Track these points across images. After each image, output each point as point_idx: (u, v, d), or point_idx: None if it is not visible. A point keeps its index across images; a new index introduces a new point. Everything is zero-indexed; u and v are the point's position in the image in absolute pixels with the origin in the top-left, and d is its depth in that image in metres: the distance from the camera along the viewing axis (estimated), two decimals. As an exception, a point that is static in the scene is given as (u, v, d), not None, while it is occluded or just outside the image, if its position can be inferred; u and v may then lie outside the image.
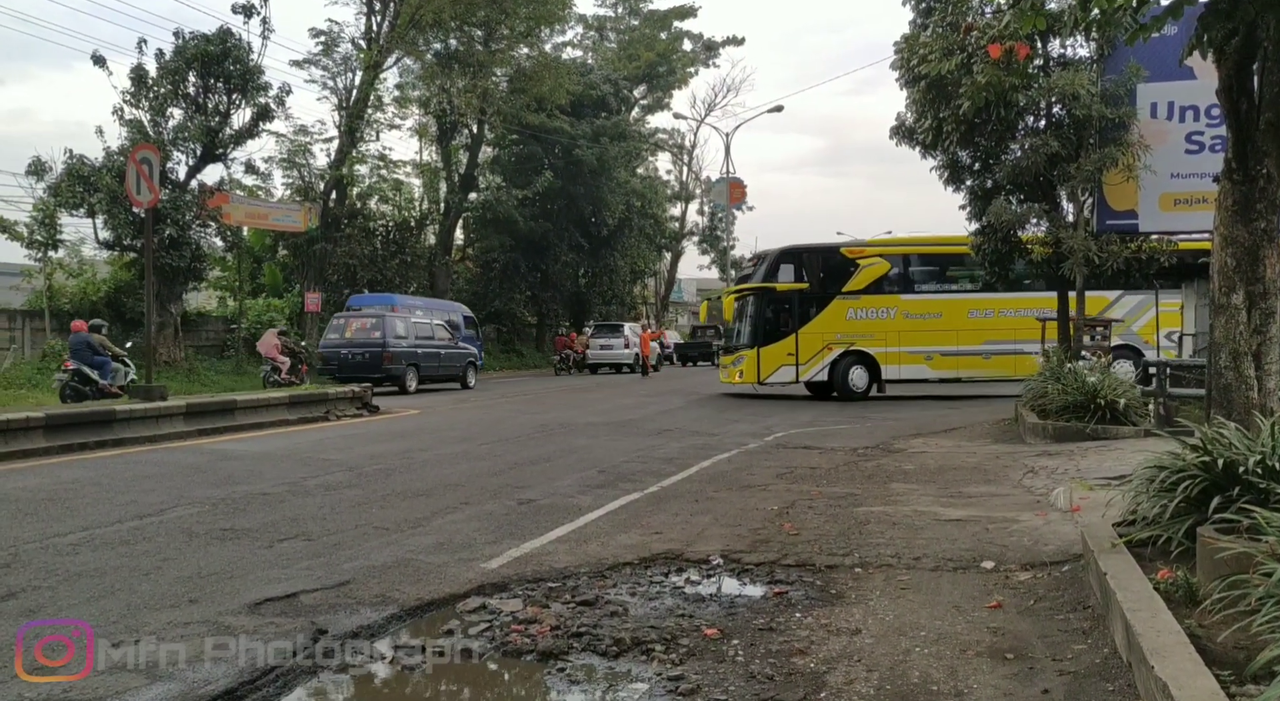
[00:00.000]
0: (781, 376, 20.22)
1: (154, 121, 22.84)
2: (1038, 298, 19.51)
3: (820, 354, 20.06)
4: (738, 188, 42.75)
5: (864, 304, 20.24)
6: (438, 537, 6.40)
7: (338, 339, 22.65)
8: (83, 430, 10.78)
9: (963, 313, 20.29)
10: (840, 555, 5.97)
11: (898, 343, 20.04)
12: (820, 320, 20.22)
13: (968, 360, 20.21)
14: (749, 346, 20.40)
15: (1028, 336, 19.10)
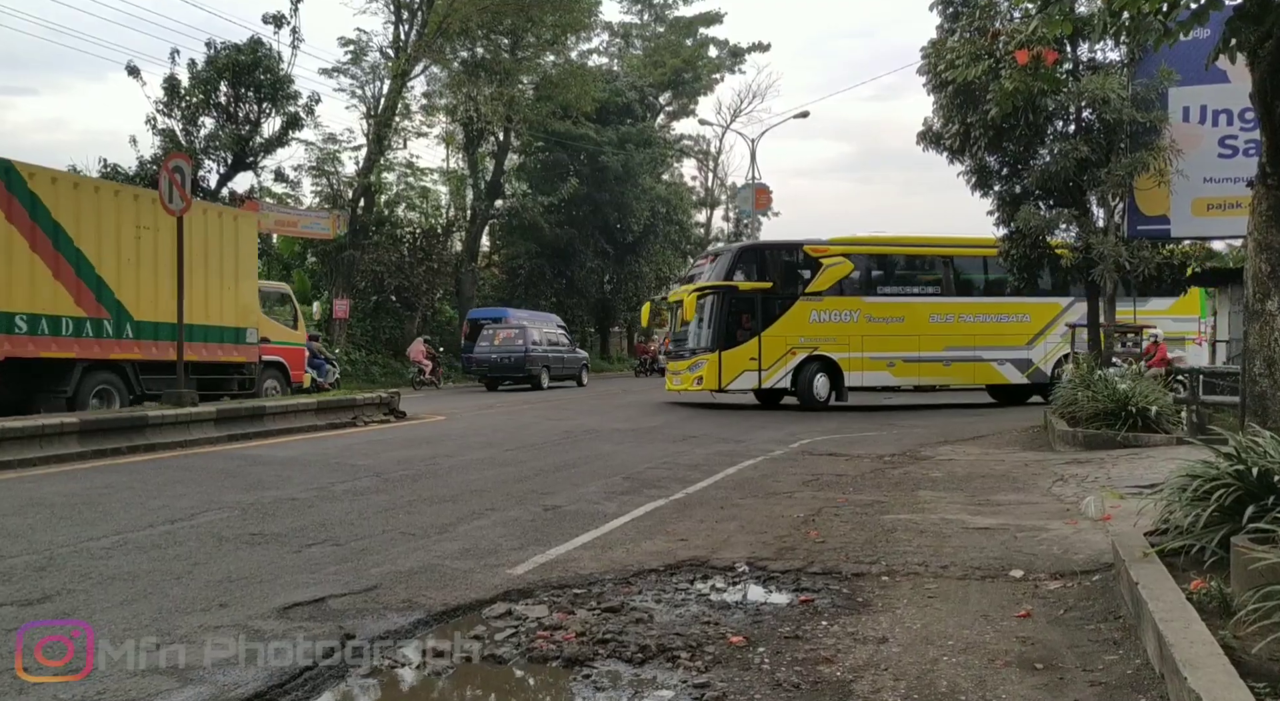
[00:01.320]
0: (744, 383, 18.91)
1: (186, 130, 23.20)
2: (998, 303, 19.64)
3: (784, 358, 18.83)
4: (763, 194, 42.62)
5: (827, 306, 19.18)
6: (463, 543, 6.43)
7: (488, 346, 27.16)
8: (115, 435, 10.94)
9: (924, 317, 19.62)
10: (867, 563, 5.93)
11: (860, 347, 19.12)
12: (783, 322, 18.98)
13: (929, 366, 19.50)
14: (709, 350, 18.87)
15: (987, 343, 19.41)
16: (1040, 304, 19.64)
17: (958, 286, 20.05)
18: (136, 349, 13.82)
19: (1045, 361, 19.88)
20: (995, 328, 19.55)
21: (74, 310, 12.87)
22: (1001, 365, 19.48)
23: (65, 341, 12.77)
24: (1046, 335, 19.72)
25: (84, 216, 13.05)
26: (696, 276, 20.29)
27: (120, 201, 13.80)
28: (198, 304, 14.47)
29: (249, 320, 16.26)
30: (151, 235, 13.98)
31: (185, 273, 13.42)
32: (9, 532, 6.49)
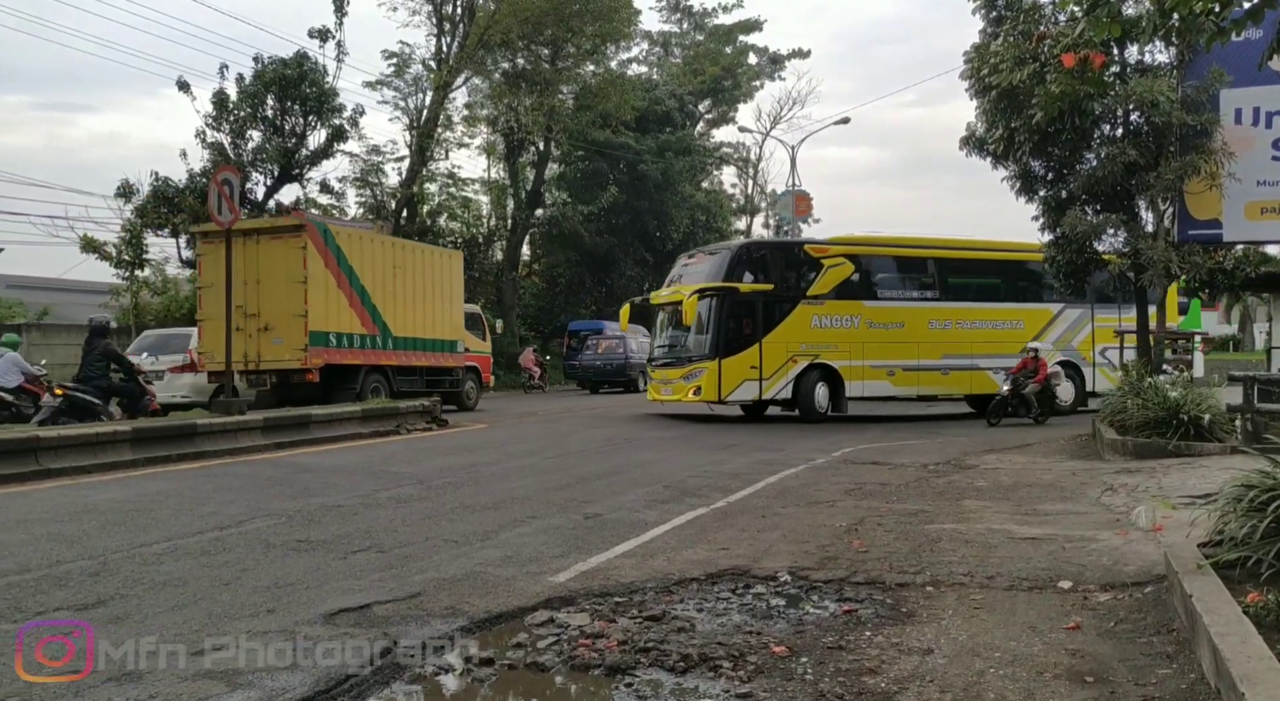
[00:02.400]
0: (744, 393, 17.26)
1: (234, 143, 23.67)
2: (994, 309, 18.92)
3: (784, 367, 17.32)
4: (804, 200, 42.45)
5: (828, 310, 17.80)
6: (505, 550, 6.46)
7: (593, 355, 31.07)
8: (166, 443, 11.16)
9: (923, 323, 18.50)
10: (911, 573, 5.87)
11: (861, 355, 17.79)
12: (784, 328, 17.46)
13: (928, 376, 18.41)
14: (709, 357, 17.07)
15: (983, 351, 18.54)
16: (1034, 310, 19.14)
17: (956, 291, 19.10)
18: (395, 357, 18.43)
19: None
20: (990, 335, 18.77)
21: (360, 329, 17.47)
22: (996, 374, 18.42)
23: (356, 352, 17.42)
24: (1039, 343, 18.57)
25: (364, 260, 17.62)
26: (684, 276, 18.54)
27: (383, 247, 18.53)
28: (426, 322, 19.23)
29: (459, 334, 20.81)
30: (402, 272, 18.57)
31: (420, 300, 18.96)
32: (65, 538, 6.65)
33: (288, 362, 16.33)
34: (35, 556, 6.08)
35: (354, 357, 17.27)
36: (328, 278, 16.64)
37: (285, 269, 16.23)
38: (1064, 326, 19.22)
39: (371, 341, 17.74)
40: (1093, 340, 19.36)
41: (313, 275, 16.23)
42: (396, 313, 18.21)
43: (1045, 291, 19.09)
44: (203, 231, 17.25)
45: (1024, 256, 19.02)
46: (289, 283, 16.19)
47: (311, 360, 16.18)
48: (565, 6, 31.20)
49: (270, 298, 16.34)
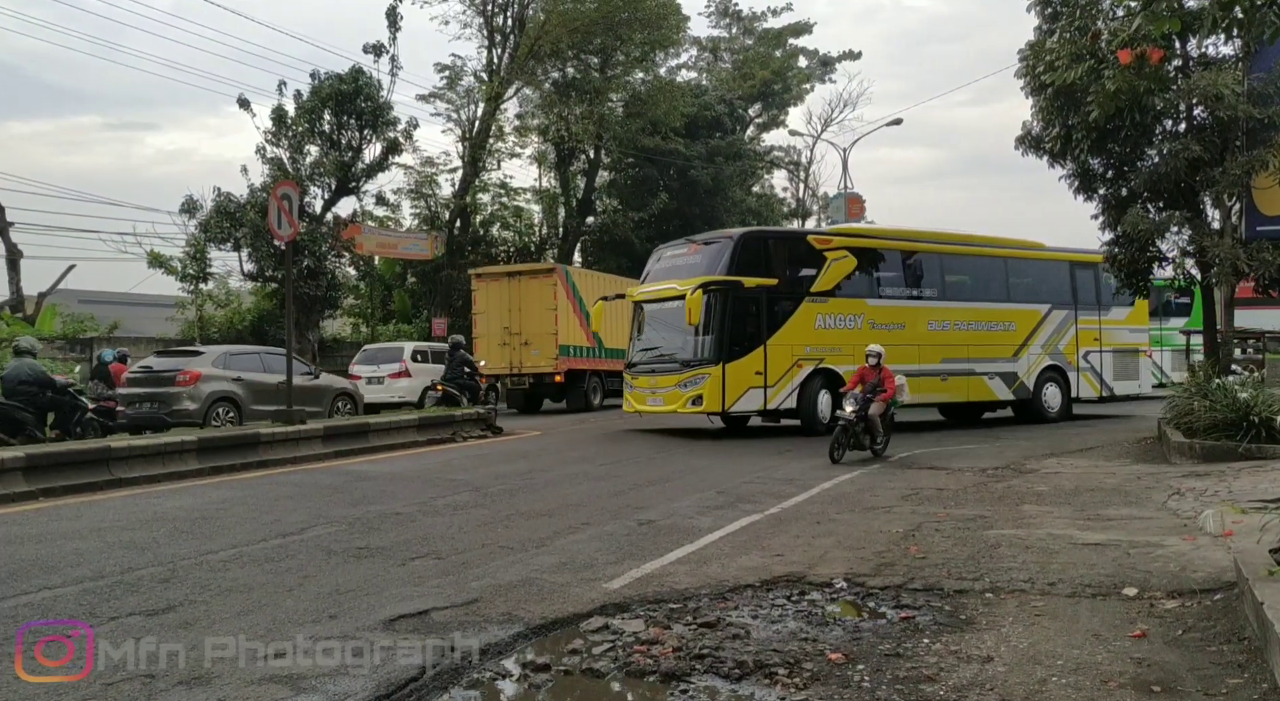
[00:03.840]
0: (748, 403, 15.22)
1: (293, 158, 24.20)
2: (989, 309, 17.78)
3: (789, 373, 15.43)
4: (856, 203, 42.06)
5: (832, 309, 16.08)
6: (560, 557, 6.51)
7: None
8: (230, 452, 11.44)
9: (923, 324, 17.04)
10: (970, 579, 5.78)
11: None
12: (789, 329, 15.61)
13: (928, 382, 16.65)
14: (710, 362, 14.83)
15: (979, 354, 17.41)
16: (1025, 311, 18.13)
17: (955, 289, 17.80)
18: (607, 364, 23.00)
19: (1029, 375, 17.96)
20: (986, 337, 17.59)
21: (587, 343, 22.69)
22: (991, 380, 17.47)
23: (585, 360, 23.03)
24: (1030, 345, 17.99)
25: (586, 290, 22.87)
26: (674, 269, 16.22)
27: (596, 279, 24.30)
28: (612, 335, 22.07)
29: None
30: None
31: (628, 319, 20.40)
32: (136, 545, 6.86)
33: (543, 368, 22.36)
34: (109, 563, 6.28)
35: (584, 364, 23.01)
36: (568, 305, 22.65)
37: (540, 300, 22.43)
38: (1051, 329, 18.29)
39: (593, 352, 23.03)
40: (1076, 344, 18.55)
41: (560, 304, 22.31)
42: (606, 329, 20.89)
43: (1035, 291, 18.33)
44: (478, 273, 23.80)
45: (1022, 253, 18.50)
46: (543, 309, 22.34)
47: (560, 366, 22.23)
48: (614, 15, 31.37)
49: (529, 320, 22.44)
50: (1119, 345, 19.09)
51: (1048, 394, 17.93)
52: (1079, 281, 18.71)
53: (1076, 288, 18.67)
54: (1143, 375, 19.58)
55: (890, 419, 12.70)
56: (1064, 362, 18.32)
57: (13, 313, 23.42)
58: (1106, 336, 18.82)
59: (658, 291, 16.11)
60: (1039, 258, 18.68)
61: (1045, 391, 17.92)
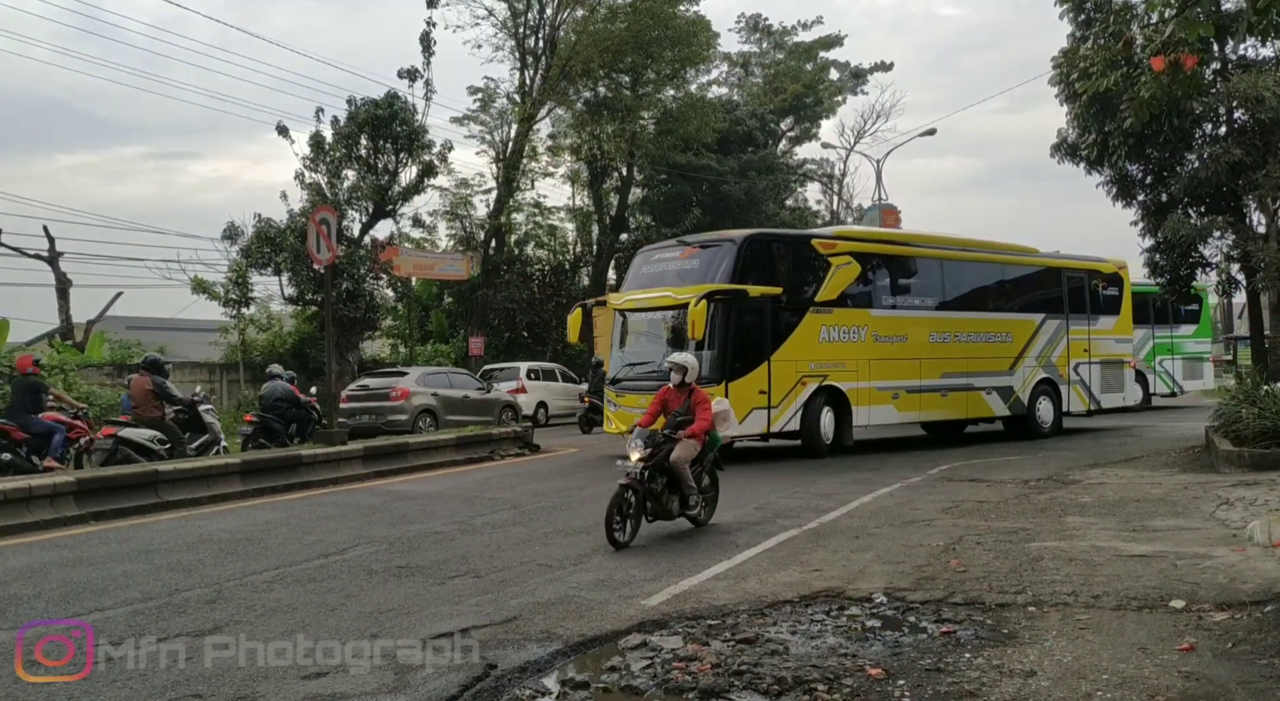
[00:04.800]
0: (752, 425, 13.57)
1: (331, 183, 24.56)
2: (987, 319, 16.62)
3: (793, 391, 13.93)
4: (891, 214, 41.77)
5: (836, 320, 14.57)
6: (598, 574, 6.53)
7: None
8: (273, 474, 11.60)
9: (925, 336, 15.79)
10: (1012, 593, 5.71)
11: (868, 375, 14.84)
12: (793, 342, 14.08)
13: (929, 398, 15.69)
14: (713, 380, 13.07)
15: (977, 368, 16.28)
16: (1022, 321, 17.12)
17: (956, 298, 16.53)
18: None
19: (1024, 389, 16.90)
20: (984, 349, 16.52)
21: None
22: (989, 395, 16.43)
23: None
24: (1025, 358, 16.95)
25: None
26: (668, 275, 14.44)
27: None
28: None
29: None
30: None
31: None
32: (183, 567, 6.99)
33: None
34: (157, 585, 6.40)
35: None
36: None
37: None
38: (1044, 340, 17.29)
39: None
40: (1068, 355, 17.62)
41: None
42: None
43: (1030, 300, 17.40)
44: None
45: (1019, 259, 17.59)
46: None
47: None
48: (644, 34, 31.58)
49: None
50: (1106, 356, 18.33)
51: (1041, 409, 17.04)
52: (1069, 289, 17.88)
53: (1067, 296, 17.80)
54: (1127, 387, 18.83)
55: (710, 466, 8.48)
56: (1056, 375, 17.44)
57: (63, 340, 23.97)
58: (1094, 347, 18.04)
59: (649, 299, 14.27)
60: (1034, 264, 17.80)
61: (1039, 406, 17.00)
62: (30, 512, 8.98)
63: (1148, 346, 23.37)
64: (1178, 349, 23.94)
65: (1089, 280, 17.84)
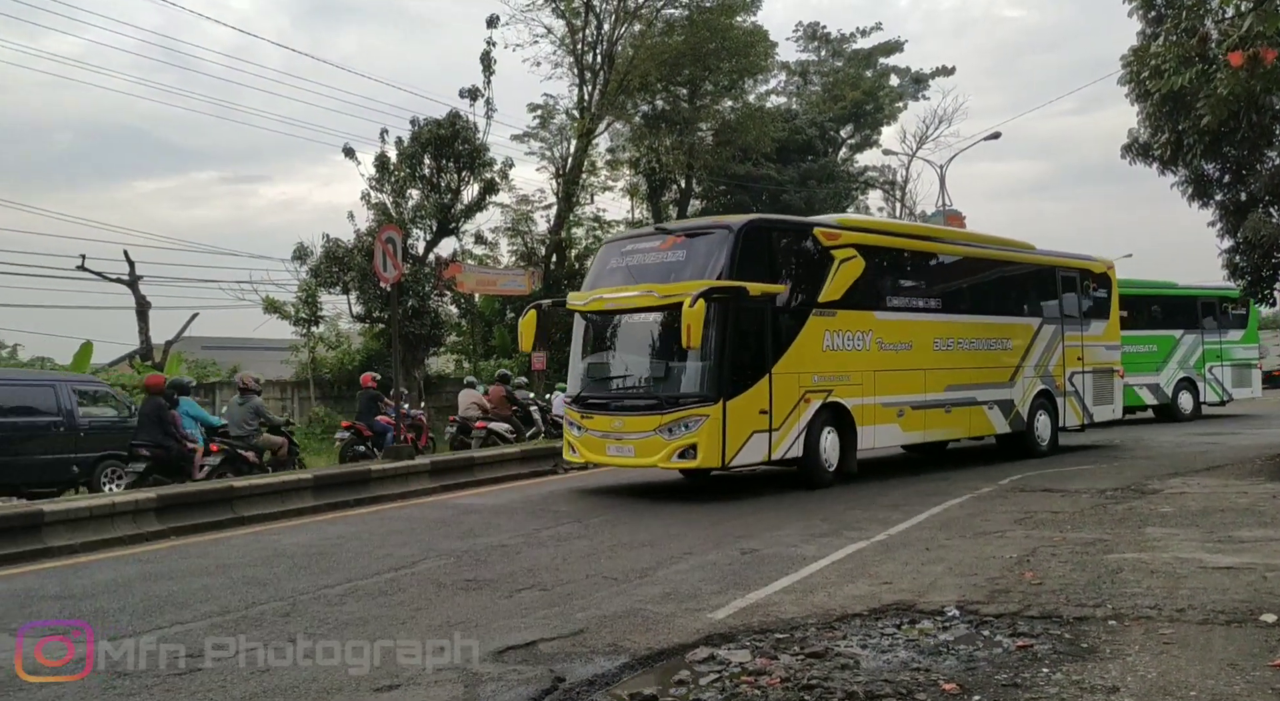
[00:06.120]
0: (752, 453, 11.25)
1: (396, 202, 25.06)
2: (989, 324, 14.87)
3: (796, 409, 11.68)
4: (955, 220, 41.10)
5: (840, 324, 12.44)
6: (664, 587, 6.51)
7: None
8: (344, 489, 11.83)
9: (929, 343, 13.84)
10: (1091, 606, 5.55)
11: (873, 389, 12.75)
12: (796, 351, 11.84)
13: (934, 415, 13.76)
14: (709, 399, 10.92)
15: (979, 379, 14.48)
16: (1021, 326, 15.47)
17: (960, 299, 14.68)
18: None
19: (1024, 403, 15.21)
20: (986, 358, 14.77)
21: None
22: (990, 410, 14.68)
23: None
24: (1024, 367, 15.32)
25: None
26: (647, 268, 11.98)
27: None
28: None
29: None
30: None
31: None
32: (258, 581, 7.15)
33: None
34: (234, 599, 6.56)
35: None
36: None
37: None
38: (1042, 347, 15.66)
39: None
40: (1064, 364, 16.03)
41: None
42: None
43: (1029, 302, 15.90)
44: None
45: (1020, 257, 16.00)
46: None
47: None
48: (702, 46, 31.66)
49: None
50: (1098, 365, 16.84)
51: (1039, 424, 15.45)
52: (1064, 291, 16.43)
53: (1061, 298, 16.31)
54: (1116, 398, 17.42)
55: None
56: (1053, 386, 15.82)
57: (142, 360, 24.79)
58: (1087, 354, 16.56)
59: (624, 299, 11.80)
60: (1031, 262, 16.19)
61: (1038, 421, 15.41)
62: (115, 528, 9.29)
63: (1197, 353, 22.39)
64: (1226, 355, 23.02)
65: (1081, 280, 16.66)
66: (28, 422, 14.06)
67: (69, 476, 13.87)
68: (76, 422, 14.44)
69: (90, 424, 14.65)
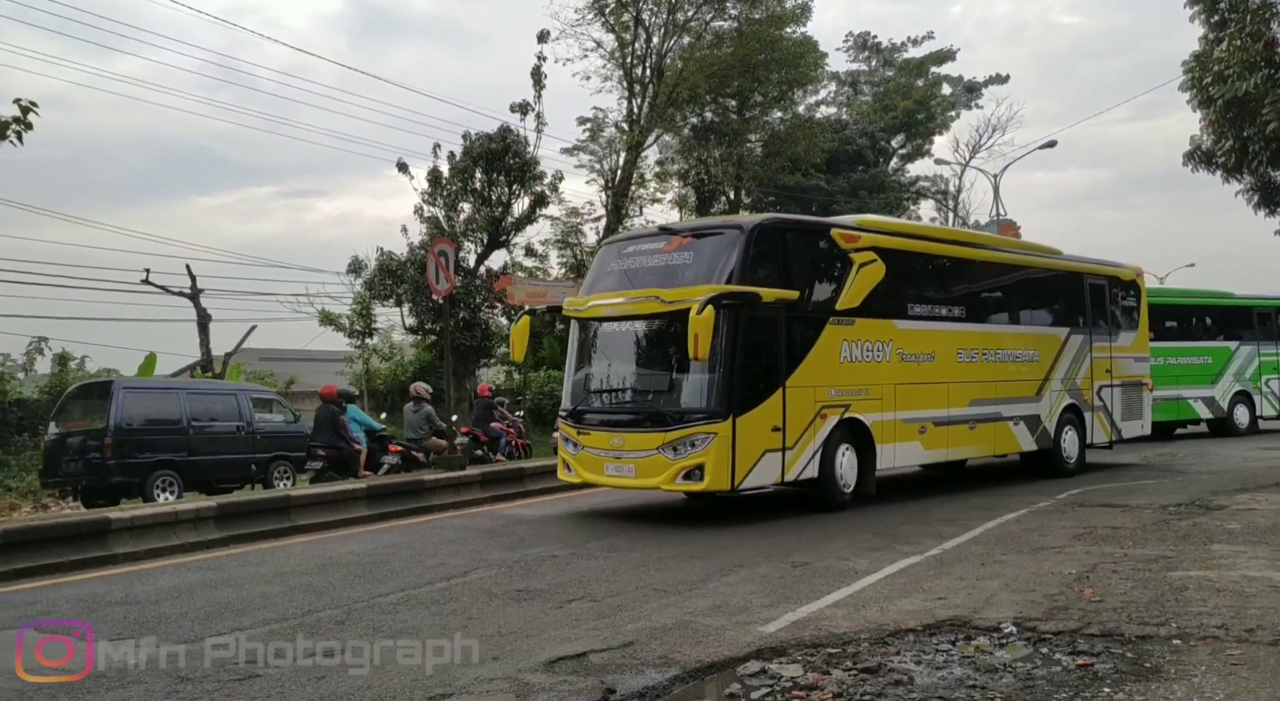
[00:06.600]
0: (764, 475, 10.39)
1: (448, 216, 25.36)
2: (1015, 334, 14.01)
3: (812, 426, 10.83)
4: (1010, 230, 40.42)
5: (859, 333, 11.53)
6: (714, 600, 6.48)
7: None
8: (397, 499, 11.98)
9: (952, 354, 12.93)
10: (1154, 624, 5.41)
11: (893, 404, 11.86)
12: (811, 362, 10.96)
13: (956, 432, 12.79)
14: (718, 415, 10.03)
15: (1008, 393, 13.57)
16: (1047, 336, 14.58)
17: (985, 307, 13.86)
18: None
19: (1050, 418, 14.28)
20: (1012, 370, 13.90)
21: None
22: (1016, 426, 13.73)
23: None
24: (1051, 380, 14.38)
25: None
26: (648, 273, 11.08)
27: None
28: None
29: None
30: None
31: None
32: (314, 589, 7.27)
33: None
34: (291, 606, 6.68)
35: None
36: None
37: None
38: (1070, 358, 14.78)
39: None
40: (1091, 376, 15.12)
41: None
42: None
43: (1055, 310, 15.01)
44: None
45: (1046, 262, 15.09)
46: None
47: None
48: (751, 57, 31.67)
49: None
50: (1127, 378, 15.88)
51: (1066, 440, 14.55)
52: (1092, 299, 15.49)
53: (1089, 306, 15.38)
54: (1146, 414, 16.35)
55: None
56: (1081, 401, 14.89)
57: (203, 372, 25.40)
58: (1116, 367, 15.63)
59: (625, 305, 10.92)
60: (1058, 268, 15.31)
61: (1064, 438, 14.51)
62: (177, 536, 9.52)
63: (1253, 365, 21.62)
64: None
65: (1109, 288, 15.84)
66: (219, 427, 16.30)
67: (248, 474, 16.23)
68: (254, 427, 16.75)
69: (265, 428, 16.99)
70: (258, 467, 16.36)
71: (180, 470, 15.26)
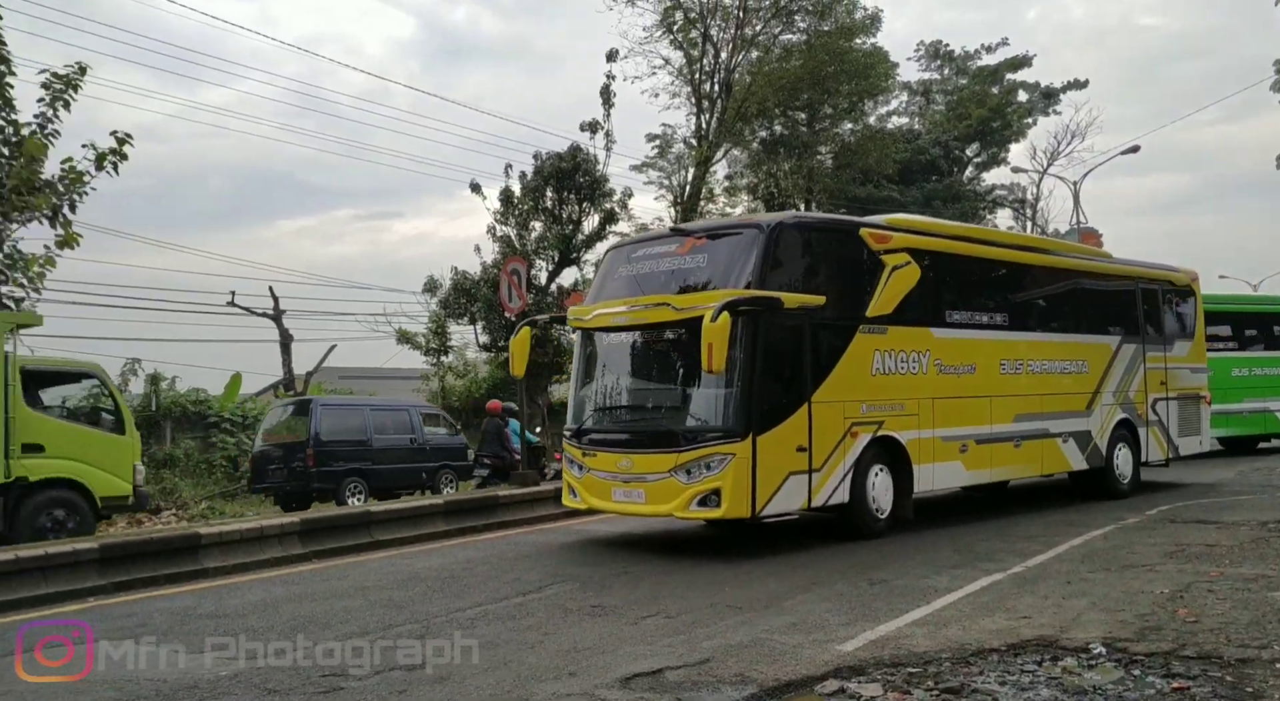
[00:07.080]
0: (788, 500, 9.36)
1: (520, 235, 25.73)
2: (1062, 343, 12.92)
3: (842, 446, 9.84)
4: (1091, 238, 39.19)
5: (893, 343, 10.57)
6: (790, 617, 6.42)
7: None
8: (473, 515, 12.15)
9: (995, 365, 11.94)
10: (1255, 647, 5.18)
11: (931, 420, 10.87)
12: (840, 374, 9.99)
13: (1000, 450, 11.80)
14: (735, 434, 9.04)
15: (1055, 408, 12.53)
16: (1097, 345, 13.51)
17: (1029, 315, 12.83)
18: None
19: (1102, 435, 13.20)
20: (1059, 383, 12.79)
21: None
22: (1065, 443, 12.68)
23: None
24: (1102, 393, 13.31)
25: None
26: (658, 277, 10.16)
27: None
28: None
29: None
30: None
31: None
32: (395, 604, 7.41)
33: None
34: (372, 620, 6.82)
35: None
36: None
37: None
38: (1122, 369, 13.68)
39: None
40: (1145, 389, 13.99)
41: None
42: None
43: (1106, 317, 13.92)
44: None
45: (1096, 267, 14.13)
46: None
47: None
48: (820, 70, 31.49)
49: None
50: (1183, 390, 14.74)
51: (1119, 458, 13.43)
52: (1146, 305, 14.44)
53: (1142, 313, 14.31)
54: (1204, 429, 15.24)
55: None
56: (1134, 415, 13.76)
57: (285, 390, 26.15)
58: (1171, 379, 14.53)
59: (635, 314, 9.98)
60: (1109, 272, 14.30)
61: (1118, 455, 13.40)
62: (264, 550, 9.80)
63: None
64: None
65: (1163, 294, 14.85)
66: (396, 440, 18.22)
67: (419, 482, 17.92)
68: (424, 439, 18.62)
69: (433, 441, 18.80)
70: (427, 476, 17.99)
71: (366, 477, 17.00)
